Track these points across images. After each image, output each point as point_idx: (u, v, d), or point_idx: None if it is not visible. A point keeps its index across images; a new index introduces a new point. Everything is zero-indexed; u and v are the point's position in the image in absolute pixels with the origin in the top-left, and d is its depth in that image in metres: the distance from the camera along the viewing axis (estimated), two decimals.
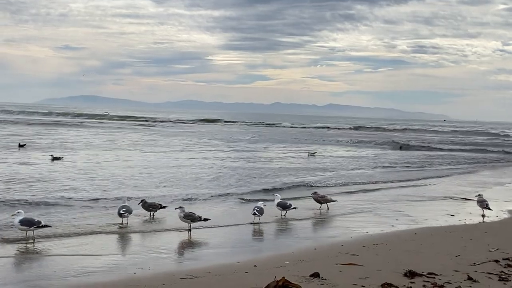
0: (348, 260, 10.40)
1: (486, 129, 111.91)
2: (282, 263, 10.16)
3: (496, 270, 9.84)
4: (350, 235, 13.27)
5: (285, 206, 15.38)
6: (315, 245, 12.03)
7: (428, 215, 16.19)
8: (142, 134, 58.11)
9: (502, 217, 16.22)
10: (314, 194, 17.28)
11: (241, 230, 13.80)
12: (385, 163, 33.82)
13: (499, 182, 27.03)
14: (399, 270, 9.59)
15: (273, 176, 24.38)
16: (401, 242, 12.30)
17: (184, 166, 27.26)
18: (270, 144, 51.19)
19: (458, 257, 10.83)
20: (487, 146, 57.17)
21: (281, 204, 15.40)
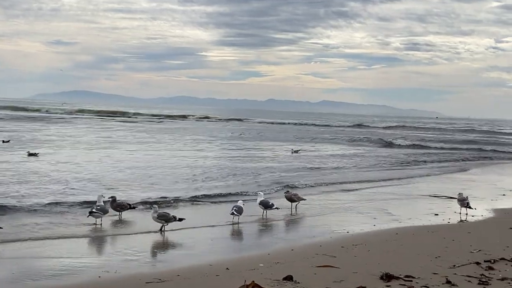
0: (325, 262, 10.05)
1: (477, 127, 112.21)
2: (256, 265, 9.79)
3: (476, 273, 9.52)
4: (330, 235, 12.91)
5: (268, 205, 14.94)
6: (292, 246, 11.66)
7: (412, 214, 15.86)
8: (120, 130, 56.65)
9: (488, 217, 15.91)
10: (286, 192, 16.84)
11: (217, 231, 13.36)
12: (372, 161, 33.40)
13: (488, 180, 26.78)
14: (376, 272, 9.25)
15: (253, 175, 23.80)
16: (381, 242, 11.96)
17: (161, 166, 25.97)
18: (256, 141, 50.54)
19: (438, 258, 10.51)
20: (478, 144, 57.05)
21: (263, 203, 14.96)
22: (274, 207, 14.96)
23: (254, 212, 15.12)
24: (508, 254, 10.85)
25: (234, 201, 15.62)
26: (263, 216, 15.07)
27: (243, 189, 19.52)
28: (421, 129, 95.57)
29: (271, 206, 14.93)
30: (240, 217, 13.97)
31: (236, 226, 13.94)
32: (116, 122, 76.18)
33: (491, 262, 10.31)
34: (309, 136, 62.11)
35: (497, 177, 28.45)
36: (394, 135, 70.65)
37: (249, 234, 13.33)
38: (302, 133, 68.53)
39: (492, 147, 53.25)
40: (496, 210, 16.91)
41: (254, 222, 14.52)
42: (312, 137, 59.79)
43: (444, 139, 65.50)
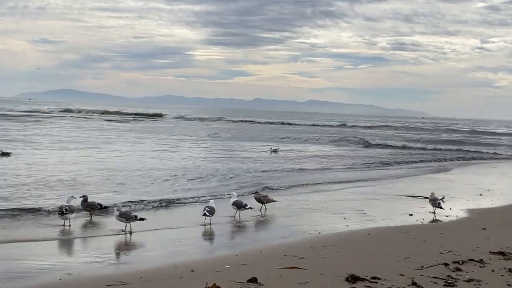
0: (293, 263, 9.95)
1: (461, 126, 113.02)
2: (223, 267, 9.66)
3: (443, 274, 9.47)
4: (301, 236, 12.81)
5: (241, 205, 14.79)
6: (262, 246, 11.54)
7: (387, 215, 15.82)
8: (97, 130, 55.57)
9: (462, 217, 15.92)
10: (256, 193, 16.64)
11: (188, 232, 13.20)
12: (352, 161, 33.30)
13: (466, 180, 26.92)
14: (343, 274, 9.15)
15: (230, 175, 23.61)
16: (352, 243, 11.89)
17: (136, 167, 25.30)
18: (236, 141, 50.28)
19: (407, 259, 10.45)
20: (459, 144, 57.40)
21: (236, 203, 14.80)
22: (247, 207, 14.83)
23: (227, 213, 14.99)
24: (478, 255, 10.83)
25: (207, 201, 15.40)
26: (236, 216, 14.94)
27: (218, 190, 19.30)
28: (405, 129, 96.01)
29: (244, 206, 14.79)
30: (213, 217, 13.82)
31: (207, 227, 13.79)
32: (95, 121, 75.15)
33: (460, 263, 10.27)
34: (292, 136, 61.98)
35: (476, 177, 28.59)
36: (377, 135, 70.90)
37: (219, 235, 13.16)
38: (286, 132, 68.39)
39: (474, 147, 53.58)
40: (471, 211, 16.92)
41: (225, 223, 14.38)
42: (295, 137, 59.68)
43: (426, 139, 65.77)
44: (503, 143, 61.80)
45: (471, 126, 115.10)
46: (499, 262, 10.41)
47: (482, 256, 10.80)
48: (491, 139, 70.56)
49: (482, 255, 10.94)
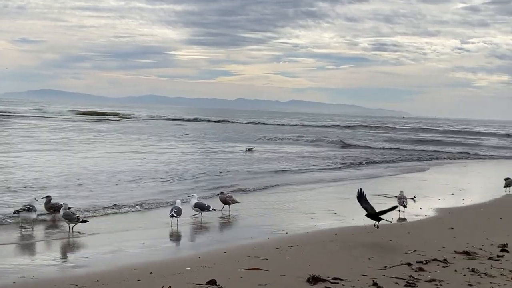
0: (256, 264, 9.82)
1: (441, 126, 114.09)
2: (183, 269, 9.48)
3: (406, 274, 9.43)
4: (268, 236, 12.67)
5: (203, 207, 14.50)
6: (226, 247, 11.37)
7: (356, 214, 15.64)
8: (69, 131, 54.04)
9: (431, 216, 15.94)
10: (221, 194, 16.29)
11: (153, 234, 12.98)
12: (328, 161, 33.11)
13: (440, 179, 27.06)
14: (305, 275, 9.05)
15: (201, 176, 23.25)
16: (318, 243, 11.79)
17: (105, 170, 24.38)
18: (210, 142, 49.58)
19: (371, 259, 10.39)
20: (436, 144, 57.89)
21: (199, 205, 14.48)
22: (210, 208, 14.57)
23: (193, 214, 14.79)
24: (442, 255, 10.82)
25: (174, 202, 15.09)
26: (194, 217, 14.54)
27: (186, 191, 18.59)
28: (385, 128, 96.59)
29: (207, 208, 14.52)
30: (180, 218, 13.60)
31: (174, 228, 13.59)
32: (59, 121, 73.51)
33: (423, 263, 10.24)
34: (271, 135, 61.84)
35: (451, 177, 28.78)
36: (356, 135, 71.27)
37: (184, 236, 12.92)
38: (265, 132, 68.28)
39: (451, 147, 54.01)
40: (441, 210, 16.96)
41: (191, 224, 14.12)
42: (273, 137, 59.45)
43: (404, 139, 66.25)
44: (481, 143, 62.43)
45: (450, 126, 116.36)
46: (463, 262, 10.41)
47: (446, 256, 10.80)
48: (470, 139, 71.32)
49: (447, 254, 10.93)
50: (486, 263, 10.37)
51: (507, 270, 9.86)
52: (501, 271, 9.79)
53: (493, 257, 10.82)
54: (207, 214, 14.77)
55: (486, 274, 9.60)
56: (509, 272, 9.79)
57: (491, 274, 9.59)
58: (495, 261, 10.51)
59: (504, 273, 9.71)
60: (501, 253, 11.16)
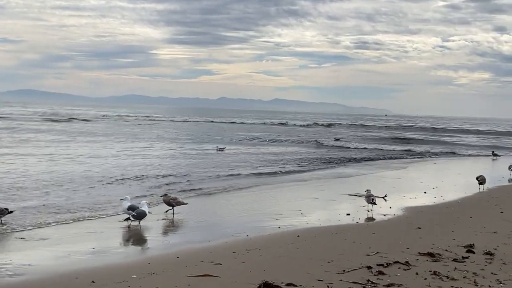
0: (209, 270, 9.28)
1: (419, 124, 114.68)
2: (129, 276, 8.89)
3: (364, 278, 8.97)
4: (227, 239, 12.12)
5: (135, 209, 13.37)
6: (180, 252, 10.79)
7: (324, 215, 15.31)
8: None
9: (400, 215, 15.54)
10: (164, 196, 15.40)
11: (104, 238, 12.33)
12: (299, 161, 32.26)
13: (414, 178, 26.83)
14: (257, 281, 8.55)
15: (157, 177, 22.28)
16: (278, 246, 11.28)
17: (62, 170, 23.54)
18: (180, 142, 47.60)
19: (330, 263, 9.91)
20: (416, 142, 57.89)
21: (132, 208, 13.46)
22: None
23: (151, 217, 14.14)
24: (405, 257, 10.39)
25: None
26: (127, 221, 13.40)
27: (138, 192, 18.04)
28: (365, 127, 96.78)
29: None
30: (134, 222, 12.97)
31: (131, 232, 12.97)
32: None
33: (384, 266, 9.79)
34: (247, 135, 61.16)
35: (425, 174, 28.55)
36: (335, 133, 71.03)
37: (136, 241, 12.13)
38: (243, 131, 67.66)
39: (427, 145, 53.93)
40: (411, 209, 16.59)
41: (145, 228, 13.39)
42: (249, 137, 58.53)
43: (382, 137, 66.27)
44: (460, 141, 62.57)
45: (430, 124, 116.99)
46: (425, 264, 9.99)
47: (410, 258, 10.38)
48: (448, 137, 71.60)
49: (410, 256, 10.52)
50: (449, 265, 9.97)
51: (470, 273, 9.45)
52: (464, 274, 9.39)
53: (458, 258, 10.42)
54: (161, 217, 14.10)
55: (448, 277, 9.18)
56: (472, 274, 9.38)
57: (454, 277, 9.18)
58: (459, 263, 10.11)
59: (467, 276, 9.30)
60: (467, 254, 10.77)
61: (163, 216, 14.79)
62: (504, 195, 19.84)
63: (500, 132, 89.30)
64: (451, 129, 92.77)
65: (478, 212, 15.84)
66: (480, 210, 16.28)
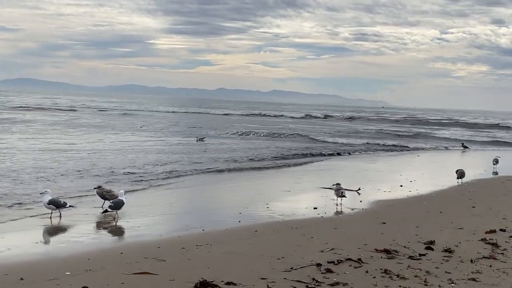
0: (150, 267, 8.87)
1: (414, 116, 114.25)
2: (62, 273, 8.46)
3: (310, 276, 8.58)
4: (181, 233, 11.65)
5: (59, 204, 12.88)
6: (125, 247, 10.34)
7: (290, 208, 14.85)
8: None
9: (367, 209, 15.11)
10: (98, 188, 14.62)
11: (53, 232, 11.91)
12: (277, 153, 31.19)
13: (395, 171, 26.45)
14: (197, 279, 8.15)
15: (119, 169, 21.28)
16: (231, 242, 10.87)
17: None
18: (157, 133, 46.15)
19: (280, 260, 9.51)
20: (403, 136, 57.40)
21: (53, 202, 12.82)
22: (67, 205, 12.93)
23: (91, 211, 13.70)
24: (360, 254, 10.01)
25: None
26: (59, 216, 12.86)
27: (85, 186, 17.12)
28: (362, 119, 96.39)
29: (64, 205, 12.89)
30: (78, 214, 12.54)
31: (86, 225, 12.54)
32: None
33: (335, 263, 9.40)
34: (237, 127, 60.46)
35: (406, 168, 28.15)
36: (327, 126, 70.56)
37: (86, 235, 11.40)
38: (219, 123, 66.81)
39: (416, 139, 53.31)
40: (382, 202, 16.17)
41: (90, 222, 12.84)
42: (233, 130, 57.14)
43: (374, 130, 65.86)
44: (455, 135, 61.93)
45: (424, 116, 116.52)
46: (379, 261, 9.61)
47: (365, 254, 10.01)
48: (439, 130, 71.19)
49: (365, 253, 10.14)
50: (404, 263, 9.59)
51: (423, 271, 9.07)
52: (416, 272, 9.01)
53: (415, 256, 10.05)
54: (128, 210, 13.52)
55: (398, 276, 8.80)
56: (425, 273, 9.00)
57: (404, 275, 8.80)
58: (415, 261, 9.73)
59: (418, 274, 8.91)
60: (425, 252, 10.40)
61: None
62: (481, 189, 19.45)
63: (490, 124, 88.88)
64: (444, 122, 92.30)
65: (450, 207, 15.45)
66: (452, 205, 15.88)
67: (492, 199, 17.08)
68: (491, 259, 9.95)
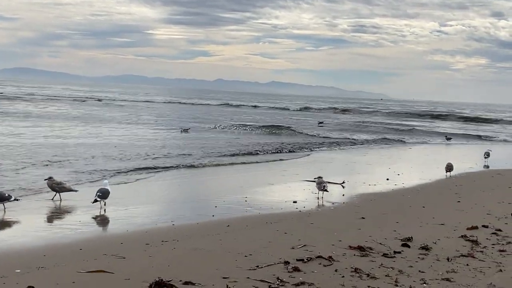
0: (108, 265, 8.41)
1: (414, 109, 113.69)
2: (12, 271, 8.00)
3: (275, 275, 8.12)
4: (150, 227, 11.20)
5: (3, 197, 12.27)
6: (85, 243, 9.78)
7: (269, 202, 14.39)
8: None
9: (348, 203, 14.66)
10: (48, 179, 13.98)
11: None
12: (260, 147, 30.16)
13: (384, 163, 25.96)
14: (154, 278, 7.70)
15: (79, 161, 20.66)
16: (200, 238, 10.40)
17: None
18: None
19: (248, 257, 9.05)
20: (396, 130, 56.93)
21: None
22: (12, 199, 12.33)
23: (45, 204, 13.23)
24: (332, 251, 9.56)
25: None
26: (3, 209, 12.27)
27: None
28: (359, 112, 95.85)
29: (8, 198, 12.29)
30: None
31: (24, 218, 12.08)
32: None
33: (304, 261, 8.94)
34: (227, 120, 59.80)
35: (396, 161, 27.62)
36: (321, 117, 70.02)
37: (36, 228, 10.97)
38: (228, 115, 66.34)
39: (411, 133, 52.73)
40: (365, 196, 15.72)
41: (42, 215, 12.36)
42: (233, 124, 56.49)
43: (371, 121, 65.42)
44: (452, 129, 61.39)
45: (422, 109, 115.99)
46: (351, 259, 9.16)
47: (337, 252, 9.55)
48: (434, 122, 70.74)
49: (338, 250, 9.69)
50: (377, 261, 9.14)
51: (395, 270, 8.62)
52: (388, 271, 8.55)
53: (389, 253, 9.59)
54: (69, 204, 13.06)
55: (368, 275, 8.34)
56: (397, 272, 8.55)
57: (375, 275, 8.34)
58: (388, 259, 9.28)
59: (390, 273, 8.46)
60: (401, 249, 9.94)
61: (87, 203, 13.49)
62: (469, 183, 19.00)
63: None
64: (440, 115, 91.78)
65: (434, 201, 15.00)
66: (436, 199, 15.43)
67: (479, 193, 16.64)
68: (469, 258, 9.51)
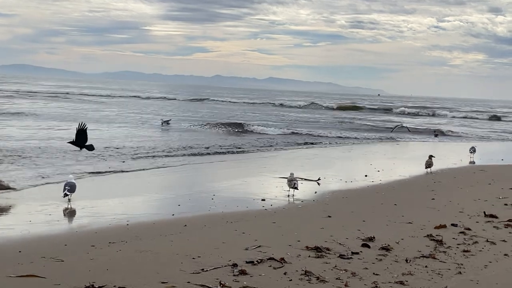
0: (42, 269, 7.93)
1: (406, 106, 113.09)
2: None
3: (218, 279, 7.67)
4: (101, 227, 10.70)
5: None
6: (25, 245, 9.16)
7: (235, 200, 13.86)
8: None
9: (318, 201, 14.15)
10: None
11: None
12: (246, 141, 29.98)
13: (367, 160, 25.47)
14: (85, 283, 7.26)
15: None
16: (151, 239, 9.89)
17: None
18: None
19: (196, 259, 8.58)
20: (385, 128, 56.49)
21: None
22: None
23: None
24: (287, 252, 9.11)
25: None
26: None
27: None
28: (356, 109, 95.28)
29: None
30: None
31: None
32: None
33: (254, 263, 8.48)
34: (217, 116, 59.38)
35: (379, 157, 27.05)
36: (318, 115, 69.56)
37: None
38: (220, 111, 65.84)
39: (401, 129, 52.11)
40: (337, 193, 15.22)
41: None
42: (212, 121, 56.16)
43: (365, 118, 65.00)
44: (450, 125, 60.75)
45: (418, 104, 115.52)
46: (305, 261, 8.71)
47: (292, 253, 9.10)
48: (427, 117, 70.26)
49: (295, 250, 9.24)
50: (332, 262, 8.68)
51: (348, 272, 8.17)
52: (340, 274, 8.10)
53: (346, 254, 9.13)
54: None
55: (318, 278, 7.90)
56: (350, 275, 8.10)
57: (325, 278, 7.90)
58: (344, 260, 8.83)
59: (342, 276, 8.01)
60: (360, 249, 9.49)
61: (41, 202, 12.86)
62: (448, 179, 18.52)
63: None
64: (438, 113, 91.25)
65: (407, 199, 14.54)
66: (410, 196, 14.97)
67: (456, 190, 16.18)
68: (429, 259, 9.07)
